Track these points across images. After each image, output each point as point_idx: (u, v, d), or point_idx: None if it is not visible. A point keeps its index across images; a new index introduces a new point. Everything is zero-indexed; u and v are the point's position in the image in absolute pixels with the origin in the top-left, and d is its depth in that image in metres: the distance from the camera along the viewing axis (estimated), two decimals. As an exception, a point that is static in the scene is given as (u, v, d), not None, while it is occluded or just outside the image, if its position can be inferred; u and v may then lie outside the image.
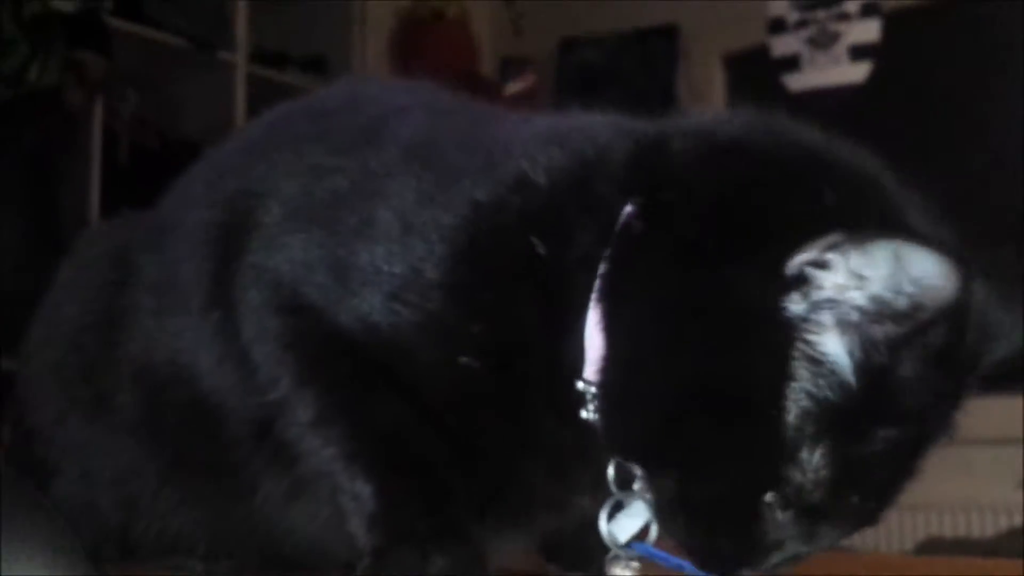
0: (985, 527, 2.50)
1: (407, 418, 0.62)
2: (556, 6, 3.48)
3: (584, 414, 0.60)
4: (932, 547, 2.43)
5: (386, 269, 0.61)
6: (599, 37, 3.36)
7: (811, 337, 0.54)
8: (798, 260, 0.53)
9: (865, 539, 2.78)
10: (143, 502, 0.74)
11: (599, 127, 0.65)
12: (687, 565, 0.61)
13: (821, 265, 0.53)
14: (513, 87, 3.32)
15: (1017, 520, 2.45)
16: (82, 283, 0.80)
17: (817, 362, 0.54)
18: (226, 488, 0.70)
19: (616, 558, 0.62)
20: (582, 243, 0.60)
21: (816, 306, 0.54)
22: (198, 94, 2.99)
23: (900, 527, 2.60)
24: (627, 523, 0.62)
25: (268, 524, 0.70)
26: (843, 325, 0.54)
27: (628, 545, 0.62)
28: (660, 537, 0.62)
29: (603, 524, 0.62)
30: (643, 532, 0.62)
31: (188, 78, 2.97)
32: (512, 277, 0.61)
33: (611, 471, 0.61)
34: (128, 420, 0.74)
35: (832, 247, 0.52)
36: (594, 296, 0.59)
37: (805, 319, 0.54)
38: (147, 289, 0.74)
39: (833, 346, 0.54)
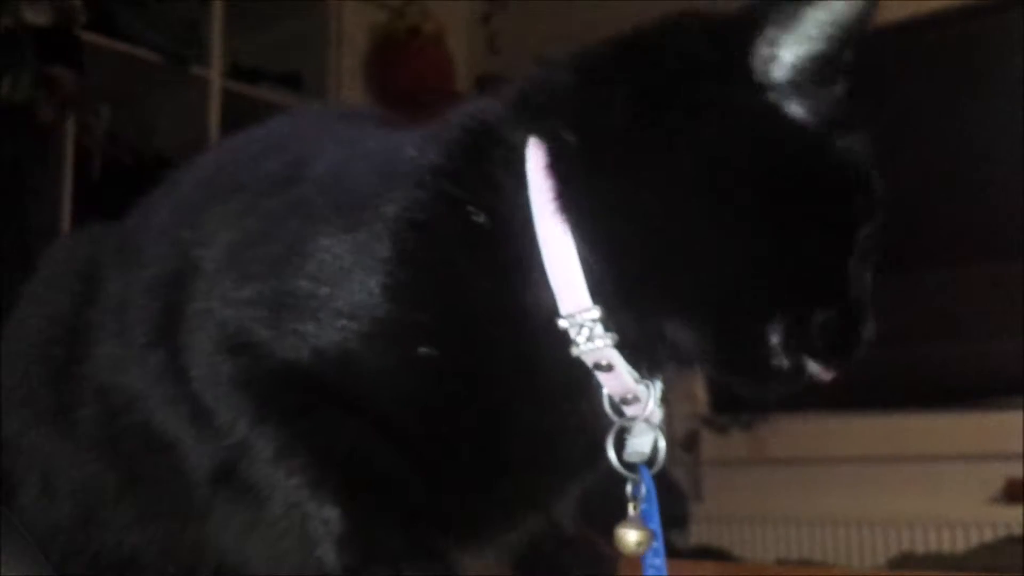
0: (956, 542, 2.52)
1: (368, 439, 0.62)
2: (532, 24, 3.49)
3: (574, 351, 0.61)
4: (904, 563, 2.44)
5: (323, 292, 0.62)
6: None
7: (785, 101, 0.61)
8: (762, 54, 0.60)
9: (838, 554, 2.80)
10: (99, 516, 0.74)
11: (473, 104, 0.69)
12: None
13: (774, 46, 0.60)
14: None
15: (988, 535, 2.47)
16: (50, 296, 0.80)
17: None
18: (181, 512, 0.70)
19: (629, 522, 0.65)
20: (506, 194, 0.62)
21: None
22: (172, 110, 2.97)
23: (872, 543, 2.62)
24: (638, 443, 0.64)
25: (224, 550, 0.69)
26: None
27: (636, 468, 0.65)
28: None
29: (611, 449, 0.64)
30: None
31: (162, 94, 2.95)
32: (445, 257, 0.62)
33: (606, 401, 0.63)
34: (88, 435, 0.74)
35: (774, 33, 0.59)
36: (550, 230, 0.61)
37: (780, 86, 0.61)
38: (107, 309, 0.74)
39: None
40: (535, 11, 3.49)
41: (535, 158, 0.63)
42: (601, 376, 0.63)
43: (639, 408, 0.64)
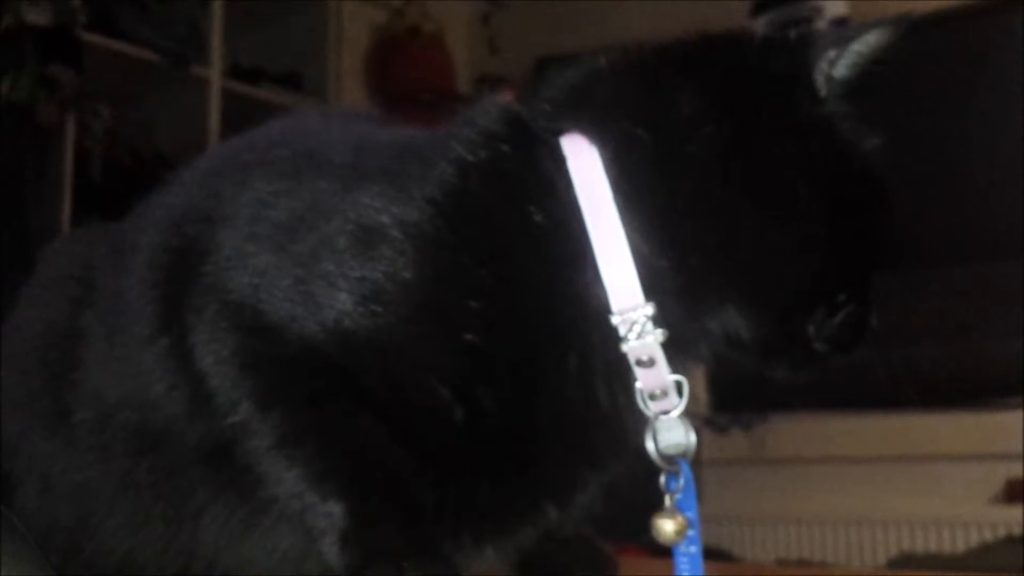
0: (956, 542, 2.52)
1: (377, 435, 0.62)
2: (532, 25, 3.49)
3: (623, 347, 0.62)
4: (904, 562, 2.45)
5: (355, 275, 0.61)
6: (575, 56, 3.37)
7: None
8: (822, 71, 0.65)
9: (838, 554, 2.80)
10: (96, 519, 0.73)
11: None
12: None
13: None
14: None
15: (988, 535, 2.47)
16: (48, 299, 0.79)
17: None
18: (175, 513, 0.70)
19: (666, 512, 0.65)
20: (556, 189, 0.63)
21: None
22: (172, 110, 2.97)
23: (872, 543, 2.62)
24: (671, 436, 0.65)
25: (219, 553, 0.69)
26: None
27: (675, 460, 0.65)
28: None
29: (650, 443, 0.65)
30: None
31: (162, 94, 2.96)
32: (500, 247, 0.62)
33: (639, 395, 0.64)
34: (84, 439, 0.73)
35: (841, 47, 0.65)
36: (604, 227, 0.62)
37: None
38: (101, 311, 0.74)
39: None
40: (535, 11, 3.50)
41: (582, 154, 0.63)
42: (640, 371, 0.64)
43: (667, 403, 0.64)
